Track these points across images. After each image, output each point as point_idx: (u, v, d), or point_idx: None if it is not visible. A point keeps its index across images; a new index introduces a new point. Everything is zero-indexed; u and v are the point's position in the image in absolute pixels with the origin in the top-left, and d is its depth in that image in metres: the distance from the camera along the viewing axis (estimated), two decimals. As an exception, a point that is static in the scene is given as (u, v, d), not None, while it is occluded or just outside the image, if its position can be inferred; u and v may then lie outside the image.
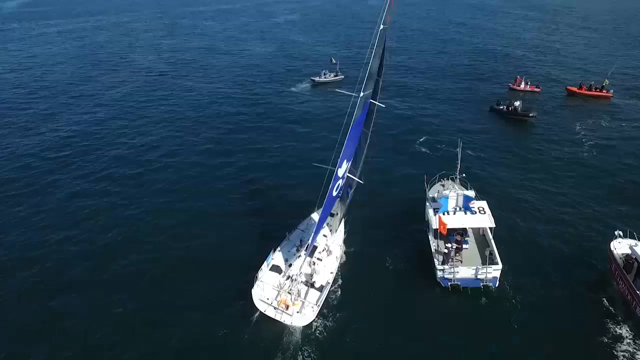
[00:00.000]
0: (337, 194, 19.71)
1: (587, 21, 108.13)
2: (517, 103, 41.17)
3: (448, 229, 20.74)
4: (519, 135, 38.26)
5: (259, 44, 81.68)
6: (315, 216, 21.89)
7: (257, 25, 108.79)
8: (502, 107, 42.13)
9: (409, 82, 52.89)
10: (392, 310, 19.14)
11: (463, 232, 22.30)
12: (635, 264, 18.27)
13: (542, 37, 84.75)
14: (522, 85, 48.47)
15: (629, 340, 16.77)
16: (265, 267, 19.24)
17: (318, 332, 17.74)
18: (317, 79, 52.13)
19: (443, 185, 25.26)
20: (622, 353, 16.23)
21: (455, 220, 21.22)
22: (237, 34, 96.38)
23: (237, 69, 61.01)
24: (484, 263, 20.45)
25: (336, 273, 19.86)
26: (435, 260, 20.82)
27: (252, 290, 18.28)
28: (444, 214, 21.23)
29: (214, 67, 63.18)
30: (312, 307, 17.98)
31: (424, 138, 36.02)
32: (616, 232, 21.32)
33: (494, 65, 61.96)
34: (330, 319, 18.42)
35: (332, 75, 52.96)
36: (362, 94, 17.68)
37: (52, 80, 55.91)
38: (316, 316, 17.85)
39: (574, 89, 47.54)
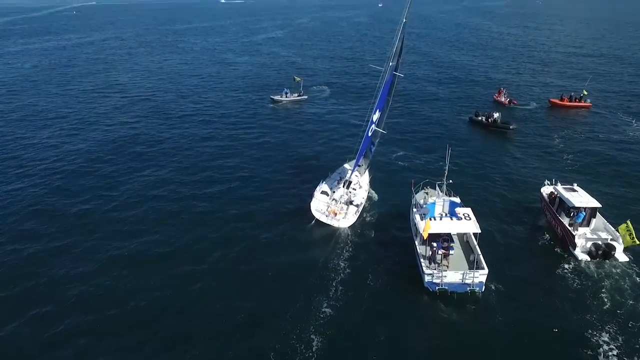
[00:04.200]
0: (371, 135, 27.04)
1: (573, 34, 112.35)
2: (496, 114, 41.45)
3: (434, 234, 20.66)
4: (499, 147, 38.26)
5: (243, 60, 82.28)
6: (347, 165, 29.61)
7: (241, 42, 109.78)
8: (480, 118, 42.34)
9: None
10: (380, 317, 18.71)
11: (449, 237, 22.29)
12: (557, 199, 24.07)
13: (527, 51, 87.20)
14: (503, 98, 49.47)
15: (555, 250, 23.02)
16: (317, 190, 26.63)
17: (362, 220, 25.68)
18: (277, 97, 49.40)
19: (427, 193, 25.42)
20: (545, 259, 22.53)
21: (442, 225, 21.15)
22: (222, 51, 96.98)
23: (222, 83, 61.34)
24: (470, 268, 20.40)
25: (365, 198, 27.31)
26: (422, 265, 20.68)
27: (311, 203, 25.52)
28: (430, 219, 21.21)
29: (198, 83, 63.33)
30: (353, 215, 25.20)
31: (402, 152, 35.78)
32: (545, 181, 26.68)
33: (478, 79, 63.25)
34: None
35: (295, 95, 50.34)
36: (390, 63, 25.04)
37: (24, 99, 55.21)
38: (355, 221, 24.94)
39: (556, 100, 49.02)
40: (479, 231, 20.81)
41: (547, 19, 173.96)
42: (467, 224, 21.21)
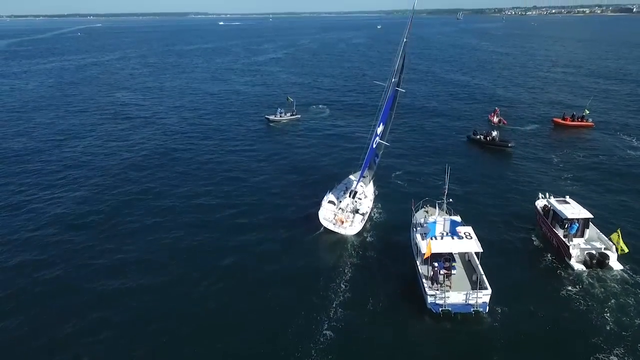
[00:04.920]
0: (375, 147, 28.61)
1: (570, 54, 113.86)
2: (494, 133, 41.91)
3: (436, 254, 20.36)
4: (497, 165, 38.03)
5: (244, 80, 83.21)
6: (352, 177, 31.08)
7: (242, 63, 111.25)
8: (478, 137, 42.69)
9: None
10: (383, 341, 18.17)
11: (450, 257, 22.00)
12: (551, 211, 24.95)
13: (525, 71, 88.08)
14: (495, 119, 50.16)
15: (554, 264, 23.23)
16: (325, 200, 27.91)
17: (361, 239, 25.76)
18: (272, 117, 50.41)
19: (427, 212, 25.25)
20: (546, 274, 22.69)
21: (444, 245, 20.87)
22: (223, 71, 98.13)
23: (224, 101, 61.94)
24: (473, 288, 20.06)
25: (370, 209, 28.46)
26: (425, 286, 20.34)
27: (319, 212, 26.67)
28: (431, 238, 20.98)
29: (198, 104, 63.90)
30: (359, 223, 26.29)
31: (400, 171, 35.43)
32: (539, 195, 27.59)
33: (476, 99, 63.60)
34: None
35: (289, 114, 51.33)
36: (393, 80, 26.58)
37: (28, 119, 55.64)
38: (360, 229, 26.03)
39: (559, 120, 49.26)
40: (481, 250, 20.55)
41: (544, 40, 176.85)
42: (469, 243, 20.98)
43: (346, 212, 27.18)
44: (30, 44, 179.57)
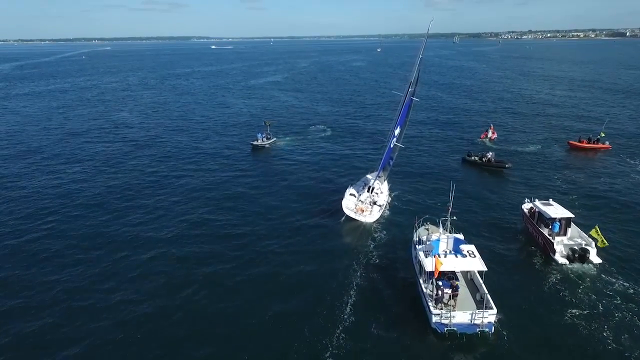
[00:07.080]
0: (391, 147, 32.33)
1: (569, 76, 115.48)
2: (489, 154, 41.95)
3: (440, 272, 20.05)
4: (494, 185, 37.61)
5: (242, 104, 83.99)
6: (369, 175, 35.14)
7: (241, 86, 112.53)
8: (473, 158, 42.41)
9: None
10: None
11: (454, 276, 21.67)
12: (536, 213, 27.31)
13: (528, 94, 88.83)
14: (482, 135, 51.57)
15: (541, 259, 25.51)
16: (347, 193, 32.18)
17: (379, 226, 29.46)
18: (255, 142, 50.50)
19: (428, 229, 25.00)
20: (534, 266, 24.98)
21: (448, 263, 20.61)
22: (221, 95, 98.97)
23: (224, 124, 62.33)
24: (477, 307, 19.63)
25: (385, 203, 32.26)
26: (429, 305, 19.94)
27: (342, 202, 30.78)
28: (436, 256, 20.67)
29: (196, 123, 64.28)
30: (377, 212, 30.46)
31: (397, 192, 35.25)
32: (525, 199, 29.92)
33: (473, 121, 63.89)
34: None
35: (265, 138, 51.15)
36: (410, 89, 30.49)
37: (29, 138, 55.88)
38: (378, 217, 30.16)
39: (575, 142, 49.22)
40: (485, 269, 20.24)
41: (541, 62, 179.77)
42: (473, 262, 20.68)
43: (365, 204, 31.09)
44: (34, 67, 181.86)
